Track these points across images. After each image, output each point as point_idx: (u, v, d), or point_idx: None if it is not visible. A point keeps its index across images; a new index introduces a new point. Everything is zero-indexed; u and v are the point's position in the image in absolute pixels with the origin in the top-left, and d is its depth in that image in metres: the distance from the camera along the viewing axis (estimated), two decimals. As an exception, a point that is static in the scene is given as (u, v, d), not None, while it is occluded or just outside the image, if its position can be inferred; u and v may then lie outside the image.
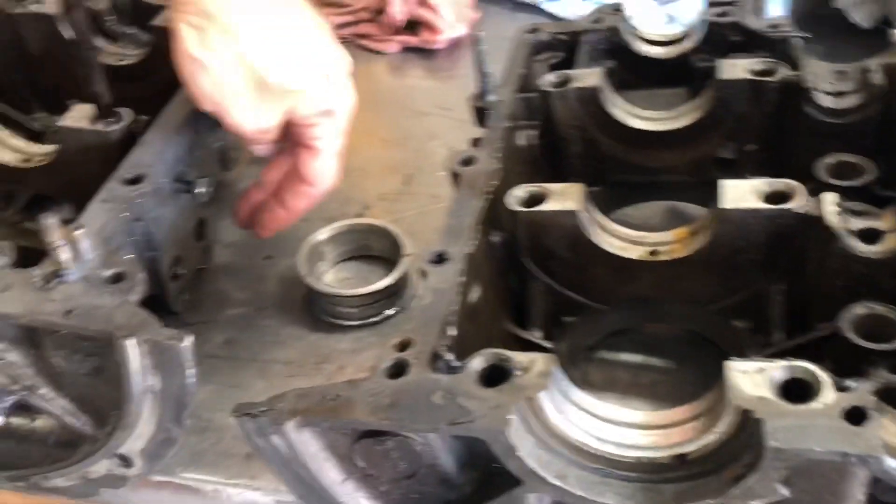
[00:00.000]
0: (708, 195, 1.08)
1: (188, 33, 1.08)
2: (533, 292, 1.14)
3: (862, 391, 0.74)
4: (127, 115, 1.23)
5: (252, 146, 1.27)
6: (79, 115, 1.23)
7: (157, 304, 1.27)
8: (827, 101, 1.16)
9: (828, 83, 1.18)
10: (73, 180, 1.27)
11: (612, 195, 1.33)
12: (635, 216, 1.40)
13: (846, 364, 0.90)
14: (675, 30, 1.65)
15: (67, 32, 1.42)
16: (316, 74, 1.15)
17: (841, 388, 0.74)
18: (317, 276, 1.35)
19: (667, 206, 1.41)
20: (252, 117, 1.13)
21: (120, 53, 1.53)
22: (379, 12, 1.99)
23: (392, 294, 1.31)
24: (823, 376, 0.75)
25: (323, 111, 1.17)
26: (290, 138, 1.22)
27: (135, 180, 1.12)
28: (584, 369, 1.19)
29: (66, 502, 1.15)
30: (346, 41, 2.01)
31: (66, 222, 0.97)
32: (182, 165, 1.23)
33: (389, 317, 1.31)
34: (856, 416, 0.72)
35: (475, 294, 1.02)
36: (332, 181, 1.25)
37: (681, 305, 1.13)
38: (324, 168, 1.22)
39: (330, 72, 1.17)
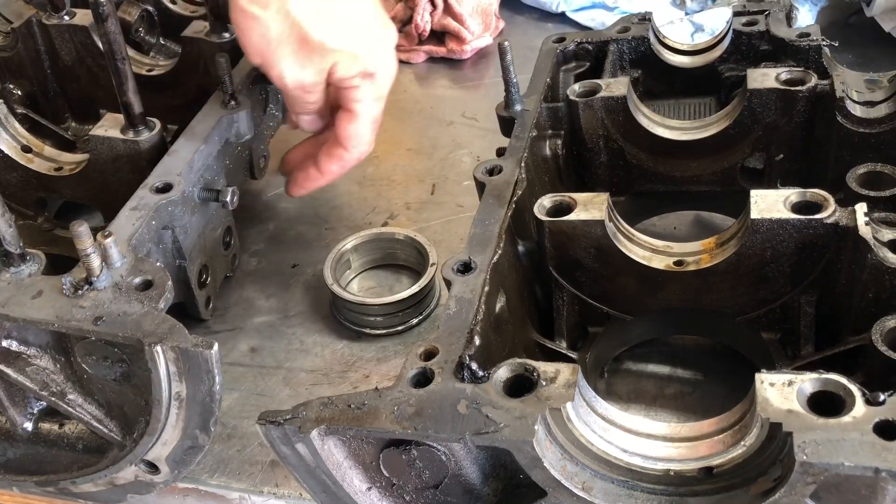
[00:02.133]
0: (735, 205, 1.08)
1: None
2: (558, 302, 1.14)
3: (894, 405, 0.73)
4: (156, 124, 1.25)
5: (297, 115, 1.31)
6: (110, 125, 1.25)
7: (184, 311, 1.29)
8: (857, 111, 1.14)
9: (858, 92, 1.17)
10: (103, 188, 1.29)
11: (637, 205, 1.33)
12: (661, 226, 1.40)
13: (878, 377, 0.89)
14: (702, 39, 1.65)
15: (100, 43, 1.44)
16: (356, 37, 1.19)
17: (872, 402, 0.73)
18: (342, 284, 1.35)
19: (693, 215, 1.41)
20: (294, 71, 1.18)
21: (150, 64, 1.56)
22: (406, 23, 2.00)
23: (417, 303, 1.31)
24: (854, 389, 0.74)
25: (362, 72, 1.21)
26: (332, 103, 1.25)
27: (164, 188, 1.14)
28: (609, 380, 1.18)
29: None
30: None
31: (97, 230, 0.98)
32: (210, 174, 1.25)
33: (414, 326, 1.31)
34: (888, 430, 0.71)
35: (500, 303, 1.01)
36: (366, 147, 1.29)
37: (708, 316, 1.12)
38: (359, 132, 1.26)
39: (371, 37, 1.21)
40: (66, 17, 1.52)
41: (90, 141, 1.26)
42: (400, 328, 1.31)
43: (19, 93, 1.57)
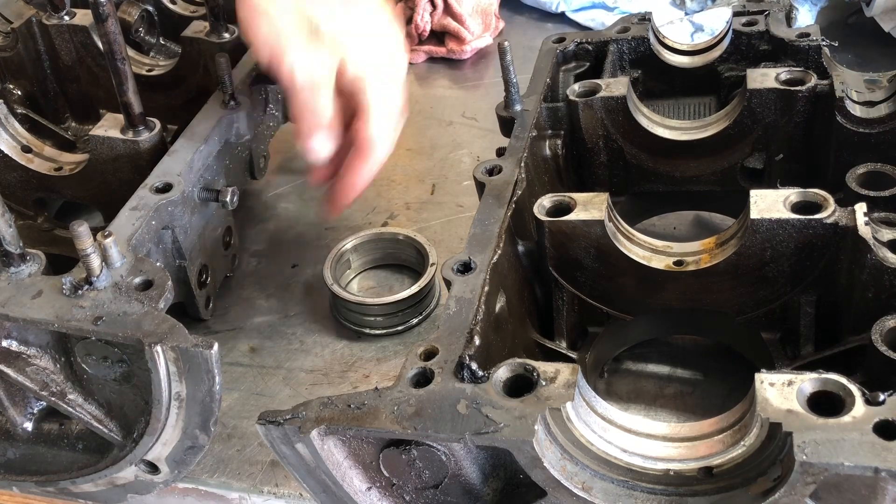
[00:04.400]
0: (735, 205, 1.08)
1: None
2: (558, 302, 1.14)
3: (894, 405, 0.73)
4: (156, 124, 1.25)
5: (307, 135, 1.23)
6: (110, 125, 1.25)
7: (184, 311, 1.29)
8: (857, 111, 1.14)
9: (858, 92, 1.17)
10: (103, 188, 1.29)
11: (637, 205, 1.33)
12: (661, 226, 1.40)
13: (878, 377, 0.88)
14: (702, 39, 1.65)
15: (100, 43, 1.44)
16: (366, 31, 1.19)
17: (872, 402, 0.73)
18: (342, 284, 1.35)
19: (693, 215, 1.41)
20: (305, 63, 1.16)
21: (150, 64, 1.56)
22: (406, 23, 2.00)
23: (417, 303, 1.31)
24: (854, 389, 0.74)
25: (373, 66, 1.19)
26: (345, 119, 1.22)
27: (164, 189, 1.14)
28: (609, 380, 1.18)
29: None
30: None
31: (97, 230, 0.98)
32: (210, 174, 1.25)
33: (414, 326, 1.31)
34: (888, 430, 0.71)
35: (500, 303, 1.01)
36: (386, 148, 1.24)
37: (708, 316, 1.12)
38: (376, 132, 1.21)
39: (381, 31, 1.22)
40: (66, 17, 1.52)
41: (90, 141, 1.26)
42: (400, 328, 1.31)
43: (19, 93, 1.57)
